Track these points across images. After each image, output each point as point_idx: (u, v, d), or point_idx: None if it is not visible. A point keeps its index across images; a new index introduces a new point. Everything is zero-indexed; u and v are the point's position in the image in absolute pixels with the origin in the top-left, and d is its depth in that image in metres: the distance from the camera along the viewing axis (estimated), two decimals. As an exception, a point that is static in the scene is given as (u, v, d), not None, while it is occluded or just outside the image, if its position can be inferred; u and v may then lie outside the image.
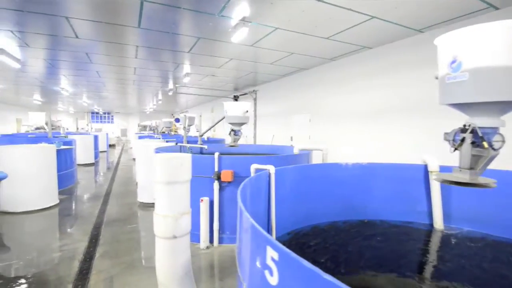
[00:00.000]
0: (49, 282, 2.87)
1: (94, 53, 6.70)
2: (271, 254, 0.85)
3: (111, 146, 20.02)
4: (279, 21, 4.57)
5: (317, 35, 5.14)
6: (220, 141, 8.52)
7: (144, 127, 21.19)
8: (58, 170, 5.75)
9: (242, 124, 4.81)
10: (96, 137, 12.12)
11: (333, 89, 6.88)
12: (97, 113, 26.94)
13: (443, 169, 2.70)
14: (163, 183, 2.01)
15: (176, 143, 6.19)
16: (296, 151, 4.45)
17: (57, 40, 5.74)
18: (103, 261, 3.33)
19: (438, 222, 2.75)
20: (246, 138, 11.12)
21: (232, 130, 4.81)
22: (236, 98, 12.21)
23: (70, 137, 9.97)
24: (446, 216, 2.77)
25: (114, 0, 3.99)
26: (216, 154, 3.59)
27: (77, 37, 5.46)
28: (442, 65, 1.56)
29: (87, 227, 4.38)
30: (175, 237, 2.01)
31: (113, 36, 5.45)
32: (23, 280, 2.87)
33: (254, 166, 2.45)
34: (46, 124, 11.13)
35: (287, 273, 0.79)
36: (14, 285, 2.79)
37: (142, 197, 5.63)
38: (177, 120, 23.26)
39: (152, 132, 19.24)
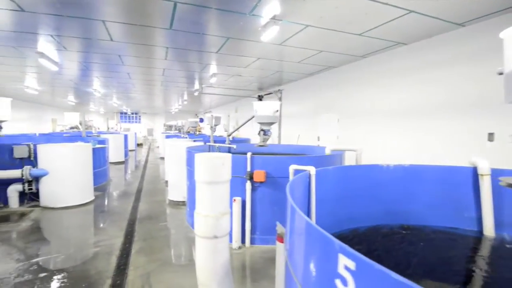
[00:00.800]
0: (89, 276, 2.97)
1: (126, 55, 6.93)
2: (345, 262, 0.80)
3: (139, 145, 20.73)
4: (311, 19, 4.47)
5: (349, 32, 4.98)
6: (245, 141, 8.52)
7: (169, 127, 21.71)
8: (93, 168, 6.01)
9: (271, 123, 4.78)
10: (126, 136, 12.57)
11: (364, 88, 6.66)
12: (125, 113, 28.03)
13: (495, 172, 2.50)
14: (204, 183, 2.01)
15: (204, 143, 6.25)
16: (328, 151, 4.34)
17: (92, 43, 5.99)
18: (139, 257, 3.41)
19: (489, 229, 2.55)
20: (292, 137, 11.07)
21: (262, 130, 4.79)
22: (260, 98, 12.19)
23: (102, 136, 10.41)
24: (498, 223, 2.57)
25: (148, 2, 4.09)
26: (249, 154, 3.58)
27: (111, 39, 5.67)
28: (509, 59, 1.42)
29: (122, 223, 4.53)
30: (216, 237, 2.00)
31: (145, 38, 5.60)
32: (64, 274, 3.00)
33: (293, 167, 2.40)
34: (80, 123, 11.70)
35: (368, 285, 0.74)
36: (56, 277, 2.92)
37: (172, 195, 5.74)
38: (201, 120, 23.66)
39: (177, 131, 19.71)
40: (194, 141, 7.76)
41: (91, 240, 3.86)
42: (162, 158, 13.16)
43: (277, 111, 4.59)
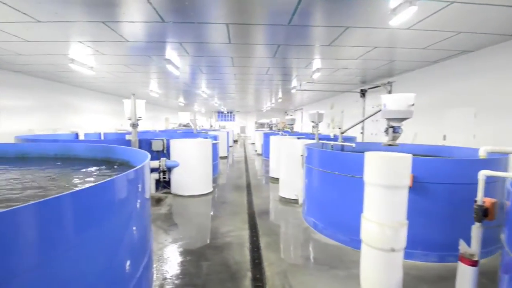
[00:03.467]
0: (229, 265, 3.12)
1: (238, 57, 7.29)
2: None
3: (235, 141, 22.21)
4: (461, -8, 3.70)
5: (506, 4, 3.94)
6: (352, 139, 7.94)
7: (261, 125, 22.51)
8: (210, 162, 6.54)
9: (403, 119, 4.19)
10: (227, 133, 13.54)
11: (518, 74, 5.27)
12: (221, 112, 30.50)
13: None
14: (380, 186, 1.76)
15: (320, 140, 6.03)
16: (482, 153, 3.53)
17: (211, 47, 6.47)
18: (269, 253, 3.43)
19: None
20: (375, 135, 10.11)
21: (391, 126, 4.25)
22: (363, 92, 11.29)
23: (209, 133, 11.42)
24: None
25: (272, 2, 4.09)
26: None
27: (230, 42, 6.00)
28: None
29: (243, 216, 4.73)
30: (393, 250, 1.73)
31: (261, 37, 5.71)
32: (209, 262, 3.20)
33: (484, 173, 1.91)
34: (190, 122, 13.16)
35: None
36: (202, 263, 3.16)
37: (283, 192, 5.74)
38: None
39: (269, 129, 20.25)
40: (298, 138, 7.66)
41: (222, 230, 4.11)
42: (259, 154, 13.65)
43: (413, 104, 3.99)
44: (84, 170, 3.17)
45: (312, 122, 9.46)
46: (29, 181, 2.51)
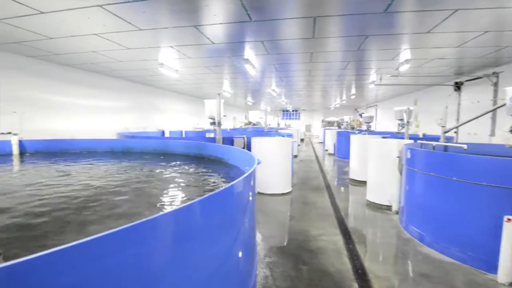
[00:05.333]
0: (330, 273, 2.91)
1: (318, 52, 6.99)
2: None
3: (301, 140, 21.86)
4: None
5: None
6: (450, 139, 6.93)
7: (328, 123, 21.66)
8: (288, 161, 6.41)
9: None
10: (297, 132, 13.32)
11: None
12: (286, 110, 30.39)
13: None
14: None
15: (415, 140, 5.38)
16: None
17: (292, 43, 6.32)
18: (372, 264, 3.11)
19: None
20: (474, 135, 8.70)
21: (523, 124, 3.49)
22: (458, 86, 9.83)
23: (279, 131, 11.36)
24: None
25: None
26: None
27: (313, 37, 5.76)
28: None
29: (331, 219, 4.46)
30: None
31: (348, 28, 5.33)
32: (308, 267, 3.04)
33: None
34: (261, 120, 13.31)
35: None
36: (300, 266, 3.02)
37: (371, 197, 5.28)
38: (361, 115, 22.23)
39: (338, 127, 19.30)
40: (383, 137, 7.00)
41: (312, 232, 3.93)
42: (331, 154, 13.08)
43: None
44: (188, 166, 3.33)
45: (399, 120, 8.59)
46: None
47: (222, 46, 6.68)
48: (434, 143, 4.64)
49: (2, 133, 6.18)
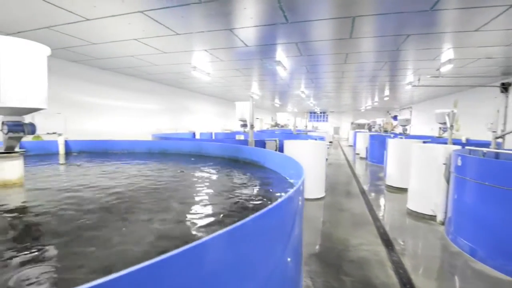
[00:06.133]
0: (376, 285, 2.75)
1: (354, 52, 6.77)
2: None
3: (330, 143, 21.37)
4: None
5: None
6: (483, 144, 6.37)
7: (358, 125, 21.02)
8: (320, 165, 6.23)
9: None
10: (327, 134, 13.02)
11: None
12: (314, 112, 29.89)
13: None
14: None
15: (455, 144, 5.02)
16: None
17: (328, 44, 6.16)
18: (420, 278, 2.90)
19: None
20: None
21: None
22: (505, 87, 9.07)
23: (309, 134, 11.15)
24: None
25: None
26: None
27: (350, 37, 5.58)
28: None
29: (370, 228, 4.26)
30: None
31: (388, 27, 5.09)
32: (351, 278, 2.89)
33: None
34: (289, 122, 13.17)
35: None
36: (342, 277, 2.88)
37: (413, 205, 4.98)
38: (395, 118, 21.30)
39: (368, 130, 18.65)
40: (424, 142, 6.62)
41: (352, 242, 3.76)
42: (363, 158, 12.64)
43: None
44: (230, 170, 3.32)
45: (441, 123, 8.09)
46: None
47: (255, 49, 6.67)
48: (484, 149, 4.28)
49: (48, 133, 6.61)
